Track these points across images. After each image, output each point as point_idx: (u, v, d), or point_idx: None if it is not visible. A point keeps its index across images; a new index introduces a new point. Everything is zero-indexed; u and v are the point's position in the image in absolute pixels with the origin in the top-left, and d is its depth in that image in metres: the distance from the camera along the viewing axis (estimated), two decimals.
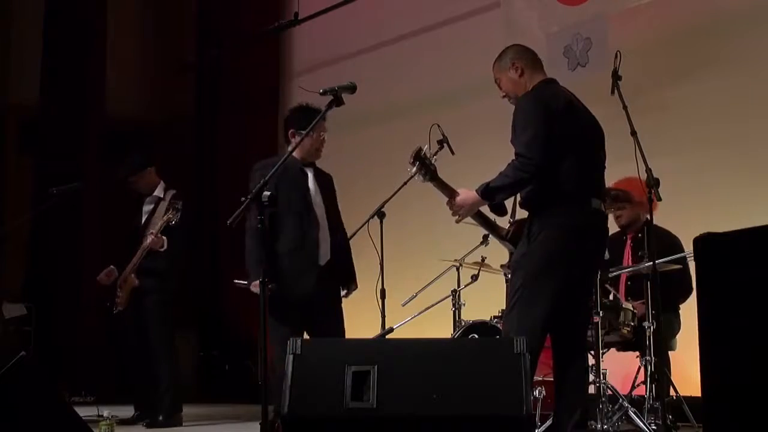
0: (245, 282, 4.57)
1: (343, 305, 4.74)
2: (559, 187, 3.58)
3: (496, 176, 3.59)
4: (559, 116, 3.59)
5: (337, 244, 4.66)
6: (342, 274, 4.73)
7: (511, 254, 3.84)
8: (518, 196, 3.74)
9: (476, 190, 3.63)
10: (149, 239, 5.57)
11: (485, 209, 3.81)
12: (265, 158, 4.74)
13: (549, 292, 3.54)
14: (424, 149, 3.68)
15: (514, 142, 3.63)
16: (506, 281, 4.47)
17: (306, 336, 4.56)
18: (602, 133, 3.82)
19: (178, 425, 5.65)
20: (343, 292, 4.76)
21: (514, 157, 3.58)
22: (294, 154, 4.55)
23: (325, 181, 4.77)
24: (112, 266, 5.88)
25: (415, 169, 3.65)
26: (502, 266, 4.85)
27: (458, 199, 3.69)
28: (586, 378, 3.90)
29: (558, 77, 3.85)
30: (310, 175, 4.68)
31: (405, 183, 4.82)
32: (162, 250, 5.62)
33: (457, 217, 3.75)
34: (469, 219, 3.79)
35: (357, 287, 4.80)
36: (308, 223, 4.56)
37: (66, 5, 8.73)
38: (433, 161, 3.73)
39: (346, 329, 4.69)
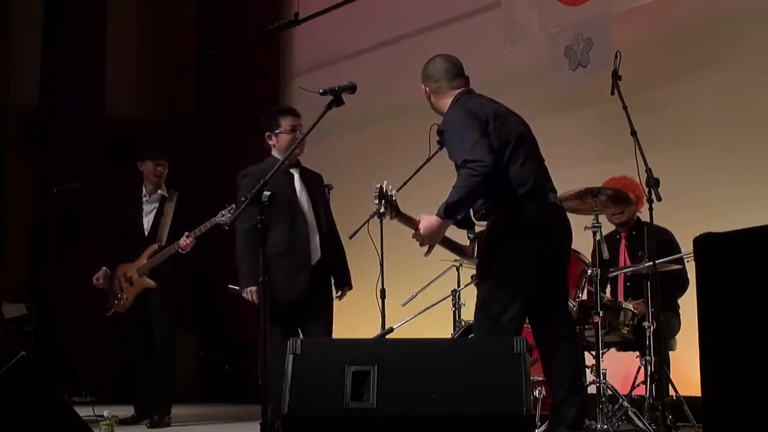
0: (238, 287, 4.56)
1: (337, 306, 4.74)
2: (516, 189, 3.54)
3: (450, 192, 3.48)
4: (491, 121, 3.56)
5: (326, 242, 4.66)
6: (335, 275, 4.73)
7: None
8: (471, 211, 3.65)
9: (437, 213, 3.52)
10: (184, 240, 5.45)
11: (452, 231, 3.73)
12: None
13: (519, 293, 3.52)
14: (385, 186, 3.53)
15: (453, 156, 3.55)
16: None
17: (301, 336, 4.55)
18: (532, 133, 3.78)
19: (168, 425, 5.65)
20: (336, 294, 4.76)
21: (459, 169, 3.47)
22: (277, 156, 4.59)
23: (312, 180, 4.76)
24: (104, 268, 5.85)
25: (383, 208, 3.53)
26: (472, 277, 4.84)
27: (421, 227, 3.54)
28: (576, 351, 3.76)
29: (559, 78, 3.86)
30: (296, 176, 4.68)
31: (405, 183, 4.81)
32: (184, 252, 5.54)
33: (426, 249, 3.61)
34: (437, 246, 3.67)
35: (351, 288, 4.80)
36: (297, 225, 4.56)
37: (66, 5, 8.73)
38: (394, 196, 3.58)
39: (346, 329, 4.69)
